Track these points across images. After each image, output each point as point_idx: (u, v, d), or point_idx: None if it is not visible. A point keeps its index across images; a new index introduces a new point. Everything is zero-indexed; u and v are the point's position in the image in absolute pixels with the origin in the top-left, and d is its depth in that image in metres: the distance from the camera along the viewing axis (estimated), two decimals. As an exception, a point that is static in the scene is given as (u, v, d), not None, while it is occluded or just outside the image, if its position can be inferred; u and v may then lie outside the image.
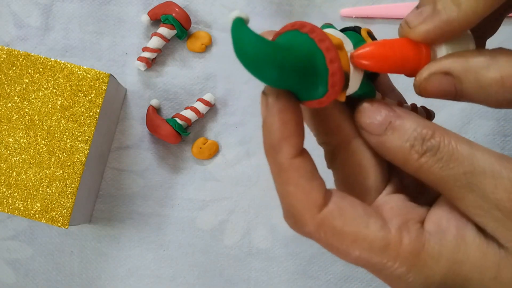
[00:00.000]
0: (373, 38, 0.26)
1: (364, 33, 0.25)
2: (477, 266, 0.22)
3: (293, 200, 0.23)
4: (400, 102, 0.27)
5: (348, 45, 0.23)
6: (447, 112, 0.49)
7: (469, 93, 0.23)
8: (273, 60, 0.20)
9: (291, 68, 0.20)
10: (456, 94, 0.23)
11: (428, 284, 0.22)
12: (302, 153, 0.22)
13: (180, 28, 0.48)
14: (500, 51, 0.22)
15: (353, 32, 0.26)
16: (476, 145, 0.22)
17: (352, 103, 0.25)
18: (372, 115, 0.23)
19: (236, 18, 0.20)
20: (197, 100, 0.49)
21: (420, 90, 0.24)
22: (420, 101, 0.29)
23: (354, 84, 0.23)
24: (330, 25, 0.26)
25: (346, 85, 0.22)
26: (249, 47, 0.20)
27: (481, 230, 0.22)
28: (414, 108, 0.27)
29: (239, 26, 0.20)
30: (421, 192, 0.26)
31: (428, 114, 0.28)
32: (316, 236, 0.23)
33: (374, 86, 0.26)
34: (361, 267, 0.23)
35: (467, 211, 0.22)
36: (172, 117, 0.48)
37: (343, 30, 0.26)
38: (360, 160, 0.24)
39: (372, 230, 0.22)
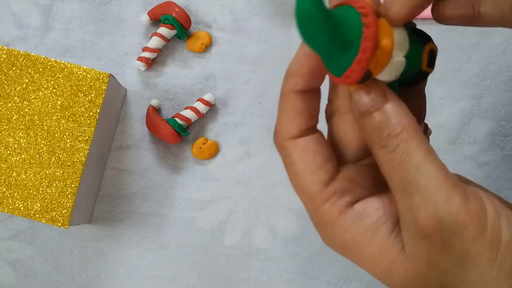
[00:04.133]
0: (432, 58, 0.26)
1: (427, 49, 0.26)
2: (372, 256, 0.24)
3: (281, 119, 0.27)
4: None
5: (402, 45, 0.24)
6: (448, 112, 0.49)
7: (486, 14, 0.24)
8: (320, 24, 0.21)
9: (331, 38, 0.22)
10: (473, 16, 0.25)
11: (331, 244, 0.26)
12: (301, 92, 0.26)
13: (180, 28, 0.48)
14: None
15: (419, 39, 0.26)
16: (433, 160, 0.23)
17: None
18: (362, 93, 0.24)
19: None
20: (197, 100, 0.49)
21: (439, 16, 0.26)
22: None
23: (382, 79, 0.24)
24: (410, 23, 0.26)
25: (364, 79, 0.23)
26: (306, 5, 0.21)
27: (397, 230, 0.24)
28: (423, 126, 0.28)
29: None
30: None
31: (425, 127, 0.29)
32: (280, 151, 0.27)
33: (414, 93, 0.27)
34: (298, 196, 0.27)
35: (398, 208, 0.24)
36: (172, 117, 0.48)
37: (413, 30, 0.26)
38: (346, 130, 0.27)
39: (313, 178, 0.25)
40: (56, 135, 0.42)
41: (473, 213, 0.22)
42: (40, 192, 0.41)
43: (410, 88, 0.28)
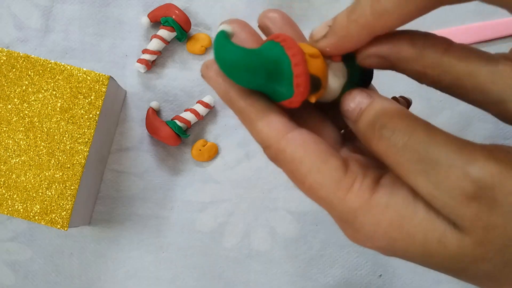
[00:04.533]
0: (365, 72, 0.26)
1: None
2: (422, 231, 0.22)
3: (260, 132, 0.25)
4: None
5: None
6: (447, 115, 0.49)
7: None
8: (244, 63, 0.23)
9: (261, 71, 0.23)
10: None
11: (366, 238, 0.23)
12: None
13: (180, 30, 0.48)
14: None
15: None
16: (436, 132, 0.22)
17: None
18: (347, 102, 0.24)
19: (221, 31, 0.24)
20: (196, 102, 0.49)
21: None
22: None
23: (334, 88, 0.25)
24: None
25: (315, 88, 0.24)
26: (225, 53, 0.23)
27: (429, 206, 0.22)
28: (394, 99, 0.28)
29: (220, 36, 0.23)
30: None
31: (408, 102, 0.29)
32: (279, 162, 0.25)
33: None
34: (312, 200, 0.24)
35: (421, 193, 0.22)
36: (172, 119, 0.48)
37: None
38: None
39: (330, 166, 0.23)
40: (55, 137, 0.42)
41: (503, 162, 0.21)
42: (40, 194, 0.41)
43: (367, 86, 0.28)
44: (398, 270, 0.48)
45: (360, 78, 0.26)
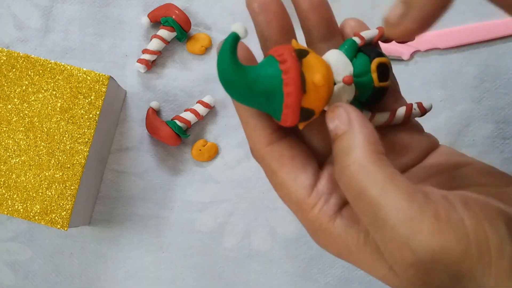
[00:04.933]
0: (383, 72, 0.26)
1: (373, 66, 0.26)
2: (367, 263, 0.24)
3: (248, 134, 0.26)
4: (393, 111, 0.27)
5: (345, 70, 0.25)
6: (447, 115, 0.49)
7: None
8: (239, 84, 0.23)
9: (253, 94, 0.23)
10: None
11: (324, 248, 0.26)
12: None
13: (180, 30, 0.48)
14: None
15: (366, 57, 0.26)
16: (395, 188, 0.21)
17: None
18: (328, 119, 0.25)
19: (231, 34, 0.22)
20: (196, 102, 0.49)
21: None
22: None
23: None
24: (349, 41, 0.26)
25: (306, 118, 0.24)
26: (223, 69, 0.23)
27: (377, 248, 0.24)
28: (409, 108, 0.27)
29: (226, 45, 0.23)
30: None
31: (423, 110, 0.28)
32: (260, 164, 0.26)
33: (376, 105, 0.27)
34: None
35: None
36: (172, 119, 0.48)
37: (360, 49, 0.26)
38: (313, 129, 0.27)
39: (298, 184, 0.25)
40: (55, 137, 0.42)
41: (450, 233, 0.21)
42: (40, 194, 0.41)
43: (376, 105, 0.27)
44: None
45: (368, 98, 0.26)
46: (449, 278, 0.21)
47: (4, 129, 0.42)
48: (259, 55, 0.27)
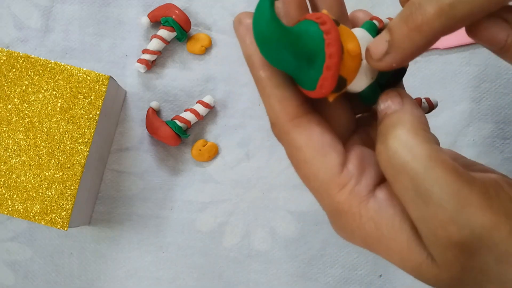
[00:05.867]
0: None
1: None
2: (399, 253, 0.22)
3: (271, 107, 0.24)
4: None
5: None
6: (447, 115, 0.49)
7: None
8: (278, 43, 0.21)
9: (292, 56, 0.22)
10: (504, 46, 0.23)
11: (347, 236, 0.24)
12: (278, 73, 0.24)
13: (180, 30, 0.48)
14: None
15: None
16: (441, 163, 0.21)
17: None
18: (380, 102, 0.24)
19: None
20: (196, 102, 0.49)
21: (473, 31, 0.23)
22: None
23: (359, 86, 0.24)
24: (370, 23, 0.26)
25: (339, 88, 0.23)
26: (263, 25, 0.21)
27: (413, 232, 0.22)
28: (419, 101, 0.27)
29: (264, 2, 0.21)
30: None
31: (431, 105, 0.28)
32: (282, 141, 0.24)
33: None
34: (305, 185, 0.24)
35: (410, 216, 0.22)
36: (172, 119, 0.48)
37: (380, 31, 0.26)
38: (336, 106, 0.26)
39: (327, 161, 0.23)
40: (55, 137, 0.42)
41: (500, 210, 0.20)
42: (40, 194, 0.41)
43: (393, 86, 0.27)
44: (398, 270, 0.48)
45: (388, 79, 0.25)
46: (495, 260, 0.20)
47: (4, 129, 0.42)
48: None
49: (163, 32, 0.48)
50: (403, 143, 0.21)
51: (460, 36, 0.49)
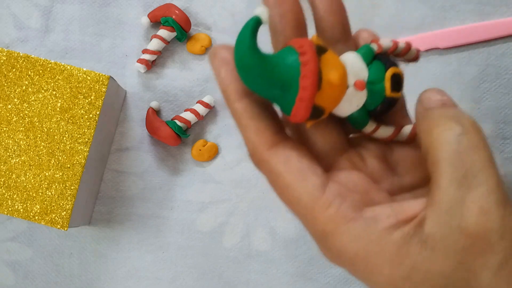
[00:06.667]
0: (396, 82, 0.25)
1: (388, 75, 0.25)
2: (389, 261, 0.22)
3: (248, 137, 0.25)
4: (398, 128, 0.27)
5: (359, 74, 0.24)
6: (447, 115, 0.49)
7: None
8: (256, 71, 0.22)
9: (269, 84, 0.22)
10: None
11: (335, 257, 0.24)
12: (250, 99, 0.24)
13: (180, 30, 0.48)
14: None
15: (382, 65, 0.26)
16: (493, 163, 0.23)
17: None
18: (434, 93, 0.25)
19: (253, 18, 0.22)
20: (196, 102, 0.49)
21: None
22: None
23: (343, 113, 0.25)
24: (367, 47, 0.26)
25: (316, 116, 0.23)
26: (242, 53, 0.22)
27: (413, 232, 0.22)
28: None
29: (247, 29, 0.22)
30: (384, 177, 0.26)
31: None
32: (262, 170, 0.25)
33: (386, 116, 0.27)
34: (291, 212, 0.25)
35: (438, 199, 0.22)
36: (172, 119, 0.48)
37: (377, 56, 0.26)
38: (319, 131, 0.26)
39: (308, 185, 0.23)
40: (55, 137, 0.42)
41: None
42: (40, 194, 0.41)
43: (382, 116, 0.27)
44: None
45: (377, 108, 0.25)
46: (495, 264, 0.21)
47: (4, 129, 0.42)
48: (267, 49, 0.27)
49: (163, 32, 0.48)
50: (469, 134, 0.23)
51: (460, 36, 0.49)
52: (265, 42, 0.25)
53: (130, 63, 0.50)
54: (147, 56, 0.48)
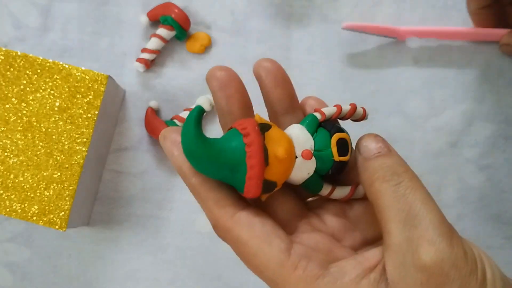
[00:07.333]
0: (342, 147, 0.27)
1: (333, 141, 0.27)
2: None
3: (209, 210, 0.25)
4: (354, 186, 0.28)
5: (305, 144, 0.26)
6: (449, 115, 0.49)
7: None
8: (203, 156, 0.24)
9: (217, 167, 0.24)
10: None
11: None
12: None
13: (179, 29, 0.48)
14: None
15: (326, 132, 0.27)
16: (433, 201, 0.24)
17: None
18: (369, 141, 0.26)
19: (196, 107, 0.24)
20: (196, 102, 0.48)
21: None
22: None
23: (296, 180, 0.26)
24: (311, 116, 0.27)
25: (269, 190, 0.25)
26: (188, 142, 0.23)
27: (378, 279, 0.23)
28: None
29: (191, 118, 0.23)
30: (346, 233, 0.28)
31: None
32: (227, 240, 0.26)
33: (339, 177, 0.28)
34: (260, 278, 0.25)
35: (389, 240, 0.24)
36: (171, 119, 0.48)
37: (321, 124, 0.27)
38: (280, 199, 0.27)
39: (273, 249, 0.24)
40: (54, 137, 0.41)
41: (466, 255, 0.23)
42: (38, 194, 0.41)
43: (336, 177, 0.28)
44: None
45: (328, 172, 0.27)
46: None
47: (2, 129, 0.41)
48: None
49: (162, 31, 0.48)
50: (405, 182, 0.24)
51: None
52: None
53: (129, 62, 0.49)
54: (146, 55, 0.48)
